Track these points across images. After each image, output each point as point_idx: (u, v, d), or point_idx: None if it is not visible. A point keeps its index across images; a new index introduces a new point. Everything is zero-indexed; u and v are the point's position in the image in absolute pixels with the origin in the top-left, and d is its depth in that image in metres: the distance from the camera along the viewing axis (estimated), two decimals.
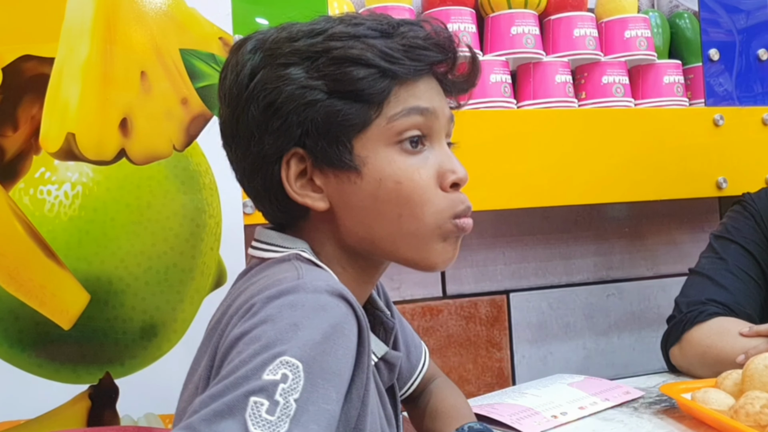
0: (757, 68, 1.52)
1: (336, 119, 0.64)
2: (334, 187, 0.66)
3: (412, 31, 0.65)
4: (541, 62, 1.41)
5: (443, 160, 0.68)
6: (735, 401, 0.91)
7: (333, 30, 0.65)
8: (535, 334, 1.49)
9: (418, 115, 0.65)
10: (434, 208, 0.66)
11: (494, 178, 1.27)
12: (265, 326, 0.53)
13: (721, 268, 1.19)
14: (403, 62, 0.64)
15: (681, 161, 1.42)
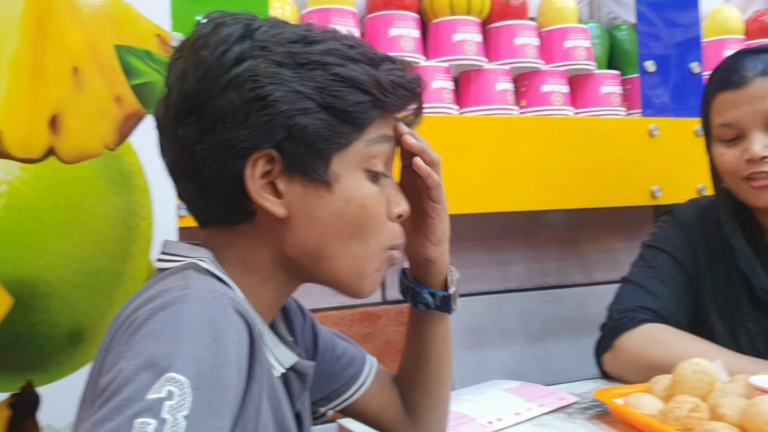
0: (691, 81, 1.57)
1: (324, 133, 0.64)
2: (297, 197, 0.65)
3: (396, 69, 0.67)
4: (482, 69, 1.42)
5: (393, 191, 0.70)
6: (665, 405, 0.93)
7: (329, 45, 0.65)
8: (472, 340, 1.50)
9: (388, 143, 0.69)
10: (380, 237, 0.68)
11: None
12: (147, 341, 0.51)
13: (651, 276, 1.22)
14: (391, 97, 0.66)
15: (617, 170, 1.45)
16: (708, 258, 1.22)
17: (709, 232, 1.22)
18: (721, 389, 0.93)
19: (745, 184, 1.12)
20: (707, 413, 0.88)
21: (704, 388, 0.94)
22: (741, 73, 1.12)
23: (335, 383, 0.84)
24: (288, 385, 0.70)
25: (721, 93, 1.14)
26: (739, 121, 1.12)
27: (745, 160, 1.11)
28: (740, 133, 1.12)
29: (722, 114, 1.14)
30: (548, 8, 1.52)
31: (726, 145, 1.14)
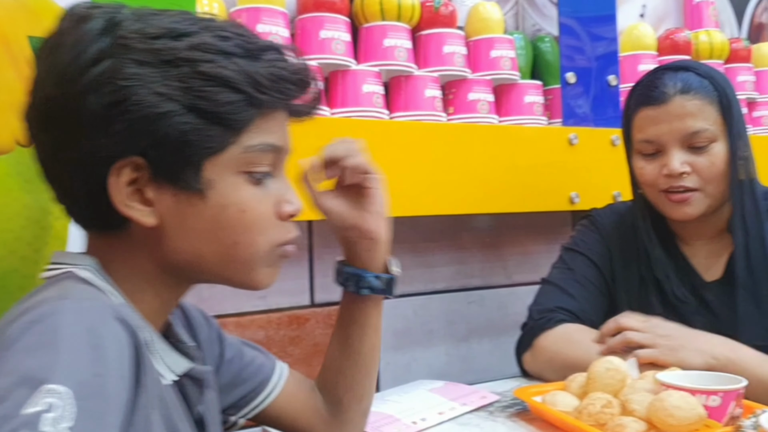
0: (609, 93, 1.64)
1: (191, 138, 0.60)
2: (169, 205, 0.62)
3: (279, 60, 0.63)
4: (412, 75, 1.45)
5: (283, 190, 0.68)
6: (580, 402, 0.97)
7: (199, 39, 0.60)
8: (399, 341, 1.52)
9: (272, 153, 0.65)
10: (269, 237, 0.66)
11: None
12: (21, 356, 0.48)
13: (569, 277, 1.27)
14: (269, 93, 0.62)
15: (538, 176, 1.50)
16: (623, 261, 1.27)
17: (624, 237, 1.27)
18: (631, 385, 0.98)
19: (663, 196, 1.17)
20: (618, 409, 0.93)
21: (616, 385, 0.98)
22: (662, 90, 1.15)
23: (243, 390, 0.83)
24: (184, 392, 0.68)
25: (642, 109, 1.17)
26: (659, 137, 1.15)
27: (663, 174, 1.15)
28: (660, 148, 1.16)
29: (643, 130, 1.17)
30: (475, 18, 1.56)
31: (646, 159, 1.18)
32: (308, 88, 0.68)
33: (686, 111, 1.13)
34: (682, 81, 1.15)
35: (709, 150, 1.14)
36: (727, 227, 1.20)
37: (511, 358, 1.26)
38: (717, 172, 1.14)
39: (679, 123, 1.13)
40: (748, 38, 2.22)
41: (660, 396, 0.89)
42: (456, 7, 1.52)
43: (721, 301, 1.18)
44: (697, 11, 2.00)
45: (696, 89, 1.14)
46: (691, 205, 1.15)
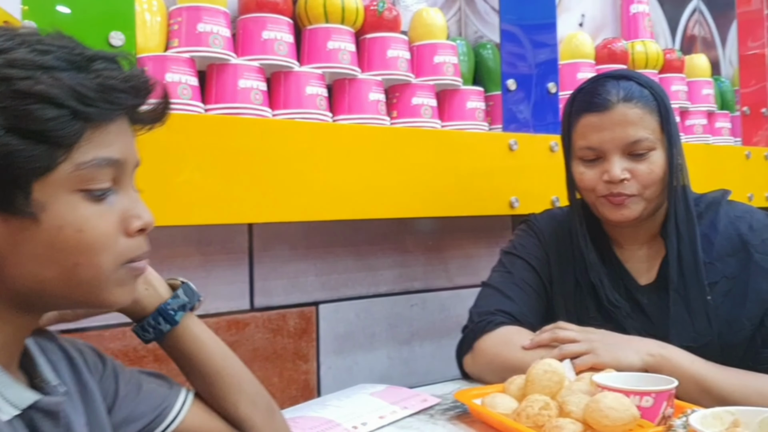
0: (548, 100, 1.67)
1: (13, 160, 0.56)
2: (1, 232, 0.58)
3: (108, 69, 0.60)
4: (356, 79, 1.45)
5: (129, 205, 0.65)
6: (519, 405, 0.99)
7: (14, 54, 0.57)
8: (341, 345, 1.51)
9: (109, 167, 0.62)
10: (113, 256, 0.63)
11: (308, 190, 1.28)
12: None
13: (508, 281, 1.28)
14: (97, 104, 0.59)
15: (479, 181, 1.51)
16: (560, 266, 1.29)
17: (561, 241, 1.30)
18: (568, 387, 0.99)
19: (603, 199, 1.18)
20: (556, 410, 0.95)
21: (554, 387, 1.00)
22: (605, 97, 1.16)
23: (141, 424, 0.80)
24: (35, 427, 0.63)
25: (585, 115, 1.18)
26: (601, 144, 1.16)
27: (604, 180, 1.16)
28: (601, 155, 1.17)
29: (586, 137, 1.18)
30: (419, 23, 1.57)
31: (586, 164, 1.20)
32: (145, 95, 0.65)
33: (628, 119, 1.15)
34: (624, 89, 1.16)
35: (648, 157, 1.16)
36: (660, 232, 1.23)
37: (453, 360, 1.27)
38: (655, 179, 1.16)
39: (621, 131, 1.15)
40: (681, 49, 2.31)
41: (595, 397, 0.91)
42: (400, 12, 1.53)
43: (654, 304, 1.21)
44: (634, 22, 2.07)
45: (637, 98, 1.16)
46: (629, 208, 1.17)
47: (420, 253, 1.64)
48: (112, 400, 0.78)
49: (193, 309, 0.83)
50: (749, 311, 1.15)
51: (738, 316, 1.15)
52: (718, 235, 1.20)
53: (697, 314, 1.17)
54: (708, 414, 0.83)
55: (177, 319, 0.80)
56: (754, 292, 1.15)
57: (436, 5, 1.71)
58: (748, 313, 1.15)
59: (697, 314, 1.17)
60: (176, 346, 0.82)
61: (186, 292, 0.81)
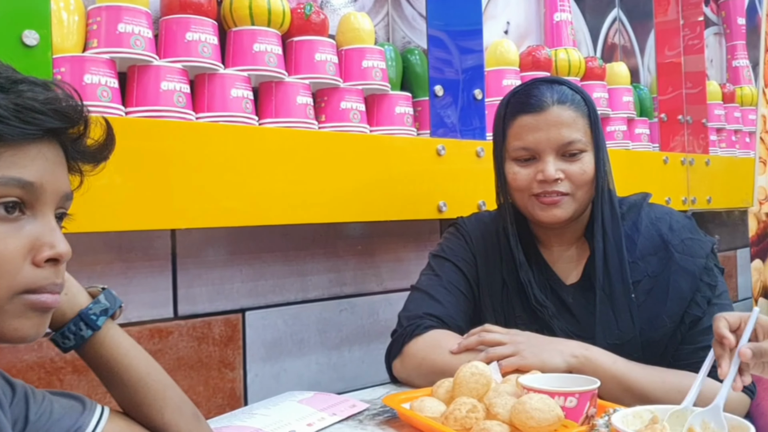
0: (475, 106, 1.69)
1: None
2: None
3: (32, 91, 0.60)
4: (283, 82, 1.43)
5: (43, 232, 0.63)
6: (447, 408, 0.99)
7: None
8: (269, 352, 1.49)
9: (18, 188, 0.60)
10: (8, 282, 0.60)
11: (233, 194, 1.25)
12: None
13: (436, 284, 1.29)
14: (10, 123, 0.58)
15: (408, 185, 1.52)
16: (487, 267, 1.31)
17: (488, 243, 1.32)
18: (495, 389, 1.01)
19: (535, 199, 1.20)
20: (483, 413, 0.96)
21: (481, 390, 1.01)
22: (540, 98, 1.19)
23: None
24: None
25: (520, 116, 1.20)
26: (537, 144, 1.18)
27: (538, 180, 1.19)
28: (535, 155, 1.19)
29: (521, 137, 1.20)
30: (347, 27, 1.57)
31: (520, 164, 1.21)
32: (70, 121, 0.64)
33: (562, 120, 1.18)
34: (557, 92, 1.20)
35: (580, 159, 1.19)
36: (585, 234, 1.27)
37: (382, 364, 1.27)
38: (587, 180, 1.20)
39: (556, 131, 1.18)
40: (602, 57, 2.38)
41: (521, 399, 0.92)
42: (327, 16, 1.52)
43: (580, 304, 1.24)
44: (557, 30, 2.12)
45: (570, 101, 1.20)
46: (561, 208, 1.20)
47: (349, 257, 1.64)
48: (22, 426, 0.74)
49: (114, 316, 0.80)
50: (670, 309, 1.18)
51: (659, 313, 1.19)
52: (641, 236, 1.24)
53: (621, 312, 1.20)
54: (629, 413, 0.85)
55: (99, 324, 0.77)
56: (675, 291, 1.19)
57: (363, 10, 1.71)
58: (668, 311, 1.18)
59: (621, 312, 1.20)
60: (97, 354, 0.78)
61: (107, 297, 0.79)
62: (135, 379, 0.80)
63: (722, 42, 2.92)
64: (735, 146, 2.69)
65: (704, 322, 1.18)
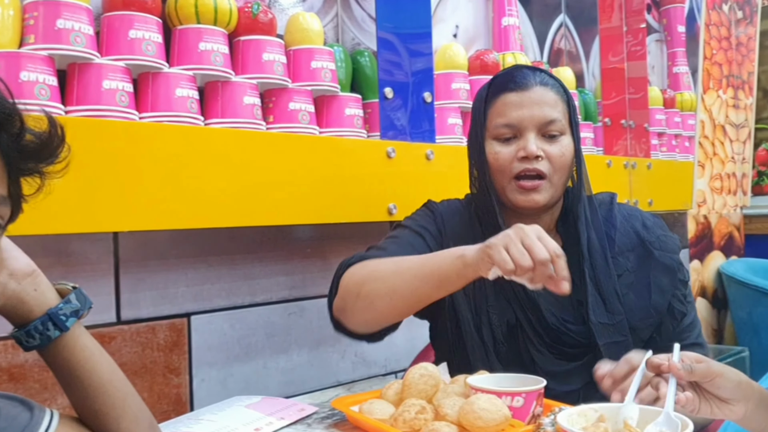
0: (424, 109, 1.70)
1: None
2: None
3: None
4: (229, 81, 1.41)
5: None
6: (396, 410, 0.99)
7: None
8: (216, 357, 1.46)
9: None
10: None
11: (179, 196, 1.23)
12: None
13: (391, 243, 1.23)
14: None
15: (358, 188, 1.52)
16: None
17: (460, 228, 1.27)
18: (443, 390, 1.01)
19: (515, 183, 1.19)
20: (432, 414, 0.96)
21: (430, 391, 1.01)
22: (524, 77, 1.21)
23: None
24: None
25: (504, 94, 1.21)
26: (520, 121, 1.19)
27: (519, 157, 1.18)
28: (517, 132, 1.20)
29: (504, 114, 1.20)
30: (295, 28, 1.56)
31: (502, 143, 1.21)
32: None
33: (545, 99, 1.20)
34: (539, 76, 1.22)
35: (560, 140, 1.20)
36: (556, 227, 1.27)
37: (331, 368, 1.26)
38: (565, 163, 1.21)
39: (539, 109, 1.19)
40: (548, 62, 2.42)
41: (469, 399, 0.93)
42: (275, 16, 1.51)
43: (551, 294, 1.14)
44: (505, 35, 2.15)
45: (551, 85, 1.22)
46: (539, 193, 1.19)
47: (298, 260, 1.62)
48: None
49: (82, 317, 0.77)
50: (655, 302, 1.21)
51: (645, 306, 1.21)
52: (617, 232, 1.26)
53: (609, 296, 1.20)
54: (574, 412, 0.86)
55: (68, 326, 0.74)
56: (657, 286, 1.22)
57: (312, 10, 1.70)
58: (654, 304, 1.21)
59: (609, 296, 1.20)
60: (61, 356, 0.75)
61: (78, 297, 0.76)
62: (96, 384, 0.77)
63: (663, 49, 3.01)
64: (675, 150, 2.77)
65: (687, 318, 1.23)
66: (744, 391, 0.94)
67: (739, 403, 0.93)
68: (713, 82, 3.32)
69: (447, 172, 1.65)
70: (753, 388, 0.96)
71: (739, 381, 0.94)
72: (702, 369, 0.91)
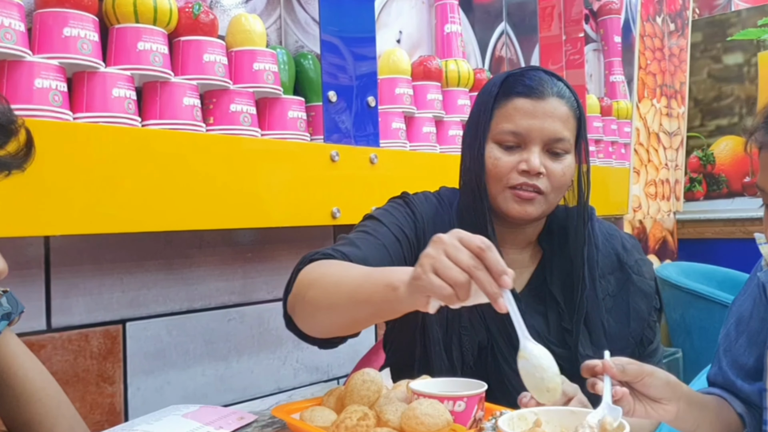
0: (368, 113, 1.70)
1: None
2: None
3: None
4: (168, 82, 1.38)
5: None
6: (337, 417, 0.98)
7: None
8: (152, 364, 1.43)
9: None
10: None
11: (113, 199, 1.19)
12: None
13: (363, 237, 1.13)
14: None
15: (301, 191, 1.50)
16: None
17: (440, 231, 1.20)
18: (385, 396, 1.00)
19: (510, 192, 1.12)
20: (374, 420, 0.95)
21: (372, 397, 1.00)
22: (541, 84, 1.12)
23: None
24: None
25: (517, 98, 1.12)
26: (529, 132, 1.11)
27: (520, 170, 1.11)
28: (522, 142, 1.12)
29: (513, 120, 1.12)
30: (237, 29, 1.53)
31: (504, 150, 1.13)
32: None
33: (558, 114, 1.12)
34: (556, 86, 1.13)
35: (564, 159, 1.14)
36: (538, 239, 1.22)
37: (272, 374, 1.24)
38: (565, 183, 1.15)
39: (551, 123, 1.11)
40: (490, 69, 2.45)
41: (411, 405, 0.92)
42: (217, 16, 1.48)
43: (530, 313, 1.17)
44: (448, 41, 2.17)
45: (567, 98, 1.14)
46: (534, 206, 1.13)
47: (238, 265, 1.59)
48: None
49: (13, 322, 0.73)
50: (633, 329, 1.18)
51: (624, 334, 1.18)
52: (600, 253, 1.21)
53: (595, 328, 1.16)
54: (514, 415, 0.87)
55: (0, 329, 0.70)
56: (636, 312, 1.18)
57: (255, 12, 1.68)
58: (632, 332, 1.18)
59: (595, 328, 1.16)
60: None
61: (9, 300, 0.73)
62: (29, 392, 0.74)
63: (600, 58, 3.09)
64: (612, 157, 2.84)
65: (653, 344, 1.20)
66: (674, 389, 0.99)
67: (671, 402, 0.97)
68: (648, 91, 3.43)
69: (391, 176, 1.65)
70: (681, 388, 1.01)
71: (668, 380, 0.98)
72: (633, 369, 0.95)
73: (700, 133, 3.59)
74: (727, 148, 3.50)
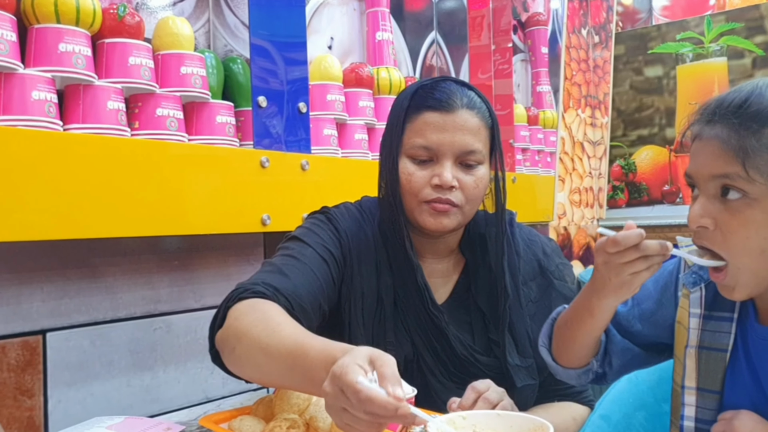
0: (299, 119, 1.69)
1: None
2: None
3: None
4: (92, 85, 1.34)
5: None
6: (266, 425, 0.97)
7: None
8: (74, 376, 1.37)
9: None
10: None
11: (32, 205, 1.14)
12: None
13: (291, 263, 1.10)
14: None
15: (230, 197, 1.48)
16: (361, 276, 1.16)
17: (363, 247, 1.17)
18: (316, 403, 1.00)
19: (426, 205, 1.13)
20: (303, 428, 0.95)
21: (302, 404, 1.00)
22: (450, 97, 1.12)
23: None
24: None
25: (427, 112, 1.12)
26: (439, 146, 1.11)
27: (433, 184, 1.11)
28: (434, 157, 1.12)
29: (424, 134, 1.12)
30: (164, 32, 1.50)
31: (416, 165, 1.13)
32: None
33: (468, 126, 1.12)
34: (467, 97, 1.13)
35: (476, 171, 1.14)
36: (460, 246, 1.23)
37: (200, 384, 1.22)
38: (478, 194, 1.15)
39: (461, 136, 1.11)
40: (420, 77, 2.48)
41: None
42: (143, 19, 1.45)
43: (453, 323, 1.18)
44: (379, 49, 2.18)
45: (478, 108, 1.14)
46: (449, 218, 1.13)
47: (165, 273, 1.56)
48: None
49: None
50: None
51: None
52: (521, 260, 1.22)
53: (521, 338, 1.18)
54: (444, 419, 0.88)
55: None
56: None
57: (183, 14, 1.65)
58: None
59: (521, 338, 1.18)
60: None
61: None
62: None
63: (528, 68, 3.17)
64: (538, 165, 2.92)
65: None
66: None
67: None
68: (573, 102, 3.54)
69: (322, 182, 1.65)
70: None
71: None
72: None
73: (623, 142, 3.72)
74: (648, 158, 3.65)
